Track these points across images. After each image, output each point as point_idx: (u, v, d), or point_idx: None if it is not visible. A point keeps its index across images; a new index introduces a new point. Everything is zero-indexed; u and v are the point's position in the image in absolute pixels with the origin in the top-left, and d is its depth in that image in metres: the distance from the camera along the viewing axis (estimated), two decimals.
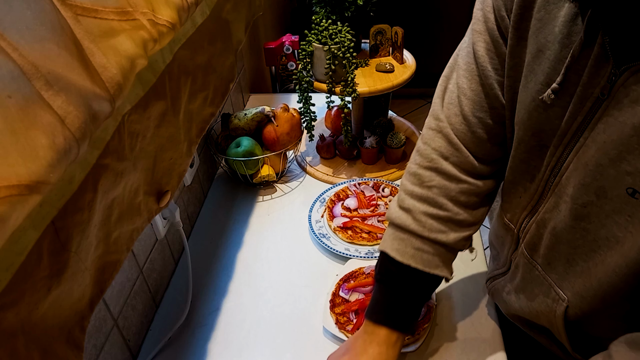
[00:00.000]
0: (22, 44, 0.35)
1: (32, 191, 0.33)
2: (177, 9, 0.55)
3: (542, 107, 0.57)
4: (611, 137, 0.50)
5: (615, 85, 0.49)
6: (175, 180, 0.66)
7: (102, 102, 0.41)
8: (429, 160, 0.70)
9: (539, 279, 0.67)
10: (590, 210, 0.55)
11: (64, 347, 0.42)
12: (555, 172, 0.59)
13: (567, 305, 0.62)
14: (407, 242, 0.69)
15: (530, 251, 0.67)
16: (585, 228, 0.56)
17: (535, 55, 0.57)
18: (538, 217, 0.64)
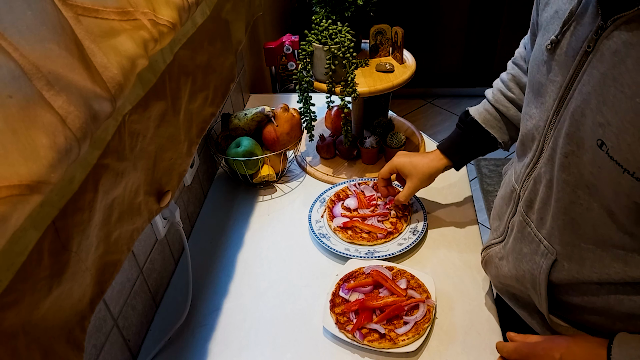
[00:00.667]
0: (23, 44, 0.35)
1: (33, 191, 0.33)
2: (178, 9, 0.55)
3: (543, 60, 0.63)
4: (594, 88, 0.53)
5: (600, 38, 0.52)
6: (176, 180, 0.66)
7: (102, 102, 0.41)
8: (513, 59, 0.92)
9: (530, 236, 0.70)
10: (570, 160, 0.58)
11: (65, 347, 0.42)
12: (552, 126, 0.63)
13: (554, 259, 0.66)
14: (483, 105, 0.95)
15: (527, 208, 0.71)
16: (566, 180, 0.60)
17: (552, 16, 0.62)
18: (534, 173, 0.68)
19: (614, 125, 0.51)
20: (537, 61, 0.65)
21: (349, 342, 0.84)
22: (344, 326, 0.85)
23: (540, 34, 0.67)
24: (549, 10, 0.64)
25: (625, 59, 0.49)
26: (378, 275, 0.92)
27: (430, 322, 0.85)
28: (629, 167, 0.50)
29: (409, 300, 0.87)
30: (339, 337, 0.84)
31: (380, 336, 0.83)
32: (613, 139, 0.51)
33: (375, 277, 0.91)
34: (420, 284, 0.91)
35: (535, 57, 0.66)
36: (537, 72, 0.65)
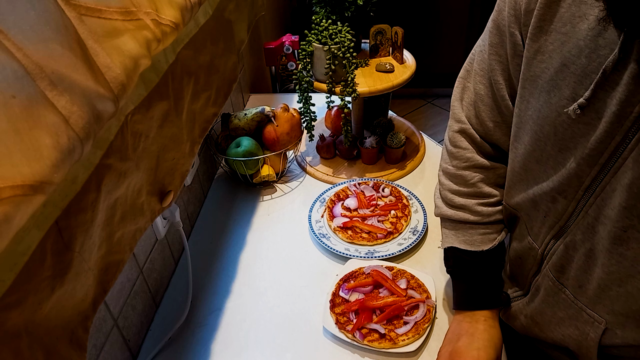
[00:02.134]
0: (26, 44, 0.35)
1: (36, 191, 0.33)
2: (181, 9, 0.55)
3: (568, 122, 0.56)
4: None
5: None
6: (178, 180, 0.66)
7: (105, 102, 0.41)
8: (464, 160, 0.77)
9: (566, 302, 0.66)
10: (630, 234, 0.53)
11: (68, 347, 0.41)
12: (590, 193, 0.57)
13: (605, 328, 0.61)
14: (473, 232, 0.78)
15: (557, 274, 0.66)
16: (623, 254, 0.55)
17: (559, 69, 0.56)
18: (567, 239, 0.63)
19: None
20: (550, 121, 0.58)
21: (349, 342, 0.84)
22: (344, 326, 0.85)
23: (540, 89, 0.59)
24: (550, 61, 0.57)
25: None
26: (378, 275, 0.92)
27: (430, 322, 0.85)
28: None
29: (409, 300, 0.87)
30: (339, 337, 0.84)
31: (380, 336, 0.83)
32: None
33: (375, 277, 0.91)
34: (420, 284, 0.91)
35: (545, 116, 0.59)
36: (552, 133, 0.58)
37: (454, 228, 0.79)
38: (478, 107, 0.73)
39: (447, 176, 0.80)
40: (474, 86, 0.73)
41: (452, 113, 0.79)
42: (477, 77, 0.72)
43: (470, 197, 0.77)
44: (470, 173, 0.77)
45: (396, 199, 1.13)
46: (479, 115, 0.74)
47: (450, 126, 0.79)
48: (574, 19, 0.53)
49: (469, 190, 0.77)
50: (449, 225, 0.81)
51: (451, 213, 0.79)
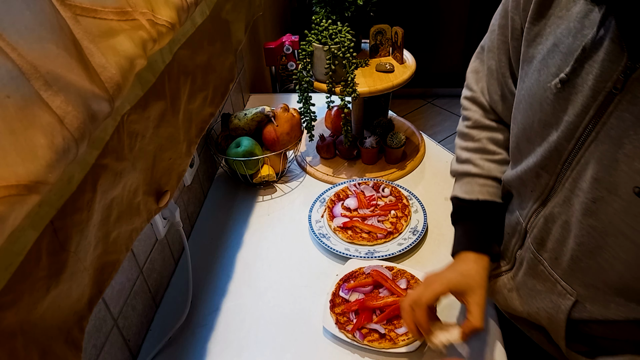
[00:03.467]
0: (21, 44, 0.35)
1: (30, 191, 0.33)
2: (177, 9, 0.55)
3: (551, 97, 0.59)
4: (627, 132, 0.50)
5: (629, 80, 0.49)
6: (175, 180, 0.66)
7: (101, 102, 0.41)
8: (473, 122, 0.83)
9: (543, 274, 0.68)
10: (599, 206, 0.55)
11: (63, 347, 0.41)
12: (567, 166, 0.60)
13: (575, 300, 0.64)
14: (473, 183, 0.82)
15: (537, 246, 0.68)
16: (592, 225, 0.57)
17: (550, 49, 0.59)
18: (547, 211, 0.65)
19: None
20: (538, 98, 0.61)
21: (349, 342, 0.84)
22: (344, 326, 0.85)
23: (533, 69, 0.62)
24: (545, 42, 0.60)
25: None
26: (378, 275, 0.91)
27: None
28: None
29: None
30: (339, 337, 0.84)
31: (380, 336, 0.83)
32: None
33: (375, 277, 0.91)
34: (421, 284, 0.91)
35: (533, 93, 0.62)
36: (539, 110, 0.61)
37: (459, 180, 0.85)
38: (488, 80, 0.79)
39: (459, 136, 0.87)
40: (488, 62, 0.78)
41: (467, 82, 0.86)
42: (489, 54, 0.77)
43: (475, 152, 0.83)
44: (477, 132, 0.83)
45: (396, 199, 1.13)
46: (489, 88, 0.80)
47: (463, 93, 0.86)
48: (569, 3, 0.57)
49: (475, 145, 0.83)
50: (457, 179, 0.86)
51: (457, 167, 0.85)
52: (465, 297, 0.73)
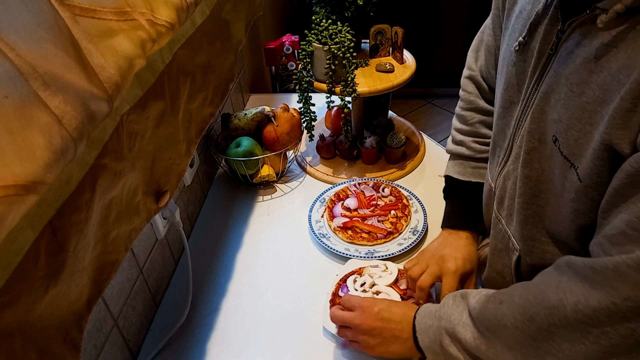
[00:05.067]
0: (20, 44, 0.35)
1: (28, 191, 0.33)
2: (176, 9, 0.55)
3: (513, 60, 0.64)
4: (551, 87, 0.56)
5: (560, 41, 0.55)
6: (174, 180, 0.66)
7: (99, 102, 0.41)
8: (468, 103, 0.88)
9: (501, 232, 0.73)
10: (532, 156, 0.61)
11: (62, 347, 0.41)
12: (518, 124, 0.65)
13: (518, 255, 0.68)
14: (465, 165, 0.89)
15: (498, 205, 0.74)
16: (528, 175, 0.62)
17: (517, 16, 0.65)
18: (504, 171, 0.70)
19: (564, 121, 0.54)
20: (506, 62, 0.67)
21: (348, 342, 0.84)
22: None
23: (506, 35, 0.68)
24: (515, 10, 0.66)
25: (575, 59, 0.52)
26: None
27: None
28: (574, 162, 0.53)
29: (409, 300, 0.87)
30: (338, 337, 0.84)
31: None
32: (563, 134, 0.54)
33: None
34: None
35: (504, 57, 0.68)
36: (506, 72, 0.67)
37: (453, 160, 0.92)
38: (486, 56, 0.84)
39: (456, 116, 0.92)
40: (486, 38, 0.83)
41: (467, 62, 0.90)
42: (487, 30, 0.82)
43: (468, 134, 0.88)
44: (471, 114, 0.88)
45: (396, 199, 1.13)
46: (487, 63, 0.84)
47: (463, 73, 0.91)
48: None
49: (468, 129, 0.88)
50: (451, 158, 0.93)
51: (452, 147, 0.92)
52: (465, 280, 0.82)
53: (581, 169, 0.52)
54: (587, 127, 0.51)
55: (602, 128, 0.48)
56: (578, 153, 0.53)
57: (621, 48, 0.47)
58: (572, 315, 0.50)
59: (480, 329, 0.61)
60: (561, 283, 0.53)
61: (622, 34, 0.47)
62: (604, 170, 0.50)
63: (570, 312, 0.50)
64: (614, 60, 0.48)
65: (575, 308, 0.50)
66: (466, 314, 0.64)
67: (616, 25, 0.48)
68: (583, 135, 0.52)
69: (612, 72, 0.48)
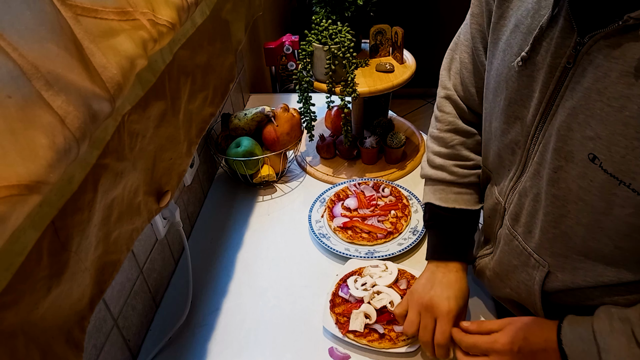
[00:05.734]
0: (22, 44, 0.35)
1: (31, 191, 0.33)
2: (177, 9, 0.55)
3: (515, 76, 0.62)
4: (579, 102, 0.54)
5: (579, 54, 0.53)
6: (175, 180, 0.66)
7: (102, 102, 0.41)
8: (447, 124, 0.84)
9: (518, 249, 0.71)
10: (559, 175, 0.59)
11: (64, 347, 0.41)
12: (535, 140, 0.63)
13: (547, 271, 0.67)
14: (447, 190, 0.84)
15: (512, 221, 0.71)
16: (555, 194, 0.60)
17: (512, 30, 0.62)
18: (520, 187, 0.68)
19: (604, 138, 0.52)
20: (504, 78, 0.65)
21: (349, 342, 0.84)
22: (344, 326, 0.85)
23: (499, 51, 0.65)
24: (508, 24, 0.63)
25: (609, 73, 0.50)
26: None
27: None
28: (624, 179, 0.51)
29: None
30: (339, 337, 0.84)
31: (380, 336, 0.83)
32: (605, 151, 0.52)
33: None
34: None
35: (500, 74, 0.66)
36: (506, 88, 0.64)
37: (432, 185, 0.86)
38: (463, 74, 0.80)
39: (432, 139, 0.87)
40: (460, 55, 0.80)
41: (440, 81, 0.85)
42: (462, 47, 0.79)
43: (448, 158, 0.84)
44: (450, 135, 0.83)
45: (396, 199, 1.13)
46: (464, 82, 0.80)
47: (438, 93, 0.86)
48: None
49: (448, 151, 0.84)
50: (429, 183, 0.87)
51: (431, 172, 0.86)
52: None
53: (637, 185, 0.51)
54: (634, 142, 0.49)
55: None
56: (627, 169, 0.51)
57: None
58: None
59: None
60: None
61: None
62: None
63: None
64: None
65: None
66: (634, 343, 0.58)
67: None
68: (631, 152, 0.50)
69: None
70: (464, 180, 0.83)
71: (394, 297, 0.87)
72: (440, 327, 0.76)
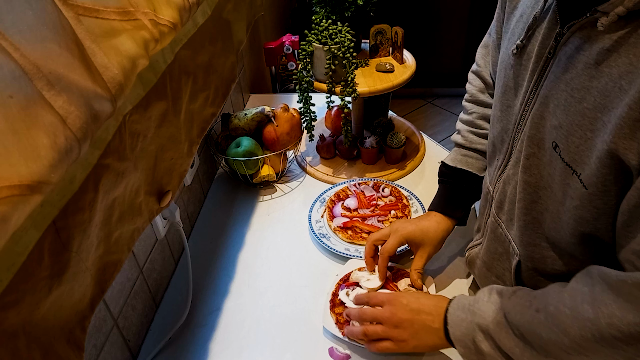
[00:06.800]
0: (24, 44, 0.35)
1: (33, 191, 0.33)
2: (179, 9, 0.55)
3: (511, 64, 0.64)
4: (551, 91, 0.56)
5: (559, 45, 0.55)
6: (176, 180, 0.66)
7: (103, 102, 0.41)
8: (471, 95, 0.92)
9: (501, 237, 0.73)
10: (532, 161, 0.61)
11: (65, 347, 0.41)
12: (518, 129, 0.65)
13: (518, 260, 0.68)
14: (457, 152, 0.92)
15: (497, 209, 0.73)
16: (527, 181, 0.62)
17: (518, 19, 0.64)
18: (504, 175, 0.70)
19: (565, 127, 0.53)
20: (504, 65, 0.67)
21: (349, 342, 0.84)
22: (343, 326, 0.85)
23: (506, 38, 0.68)
24: (516, 13, 0.66)
25: (576, 64, 0.52)
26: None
27: None
28: (576, 169, 0.53)
29: None
30: (339, 337, 0.84)
31: None
32: (564, 140, 0.54)
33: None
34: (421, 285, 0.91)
35: (503, 60, 0.68)
36: (504, 75, 0.67)
37: (453, 148, 0.95)
38: (489, 53, 0.87)
39: (462, 107, 0.95)
40: (492, 36, 0.84)
41: (476, 57, 0.93)
42: (492, 29, 0.83)
43: (465, 124, 0.92)
44: (471, 105, 0.91)
45: (396, 199, 1.13)
46: (492, 60, 0.85)
47: (472, 68, 0.94)
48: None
49: (467, 118, 0.92)
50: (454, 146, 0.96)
51: (453, 136, 0.96)
52: (416, 249, 0.89)
53: (585, 176, 0.52)
54: (587, 133, 0.50)
55: (607, 136, 0.47)
56: (580, 160, 0.52)
57: (622, 53, 0.46)
58: (606, 330, 0.49)
59: (515, 333, 0.60)
60: (595, 295, 0.51)
61: (624, 38, 0.46)
62: (610, 179, 0.49)
63: (604, 326, 0.49)
64: (615, 66, 0.47)
65: (609, 322, 0.48)
66: (501, 314, 0.62)
67: (617, 29, 0.47)
68: (584, 142, 0.51)
69: (614, 77, 0.47)
70: (472, 146, 0.89)
71: None
72: (389, 240, 0.87)
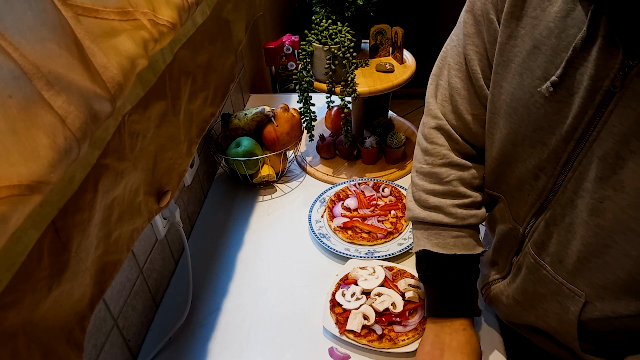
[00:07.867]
0: (23, 44, 0.35)
1: (33, 191, 0.33)
2: (178, 9, 0.55)
3: (541, 102, 0.58)
4: (631, 128, 0.50)
5: (628, 77, 0.49)
6: (176, 180, 0.66)
7: (102, 102, 0.41)
8: (440, 157, 0.75)
9: (546, 278, 0.66)
10: (606, 205, 0.55)
11: (65, 347, 0.42)
12: (567, 168, 0.59)
13: (585, 301, 0.62)
14: (445, 235, 0.74)
15: (538, 250, 0.67)
16: (600, 225, 0.56)
17: (530, 52, 0.58)
18: (547, 215, 0.64)
19: None
20: (523, 102, 0.60)
21: (349, 342, 0.84)
22: (344, 326, 0.85)
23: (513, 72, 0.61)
24: (522, 45, 0.59)
25: None
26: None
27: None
28: None
29: (408, 305, 0.87)
30: (339, 337, 0.84)
31: (379, 337, 0.83)
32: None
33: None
34: (421, 285, 0.91)
35: (518, 98, 0.61)
36: (526, 114, 0.60)
37: (426, 230, 0.76)
38: (455, 100, 0.72)
39: (421, 175, 0.77)
40: (450, 80, 0.73)
41: (428, 110, 0.77)
42: (452, 72, 0.73)
43: (445, 196, 0.74)
44: (446, 170, 0.74)
45: (396, 199, 1.13)
46: (457, 109, 0.73)
47: (426, 123, 0.77)
48: (543, 3, 0.56)
49: (444, 188, 0.74)
50: (421, 227, 0.77)
51: (424, 215, 0.75)
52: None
53: None
54: None
55: None
56: None
57: None
58: None
59: None
60: None
61: None
62: None
63: None
64: None
65: None
66: None
67: None
68: None
69: None
70: (463, 223, 0.73)
71: (395, 299, 0.87)
72: None
